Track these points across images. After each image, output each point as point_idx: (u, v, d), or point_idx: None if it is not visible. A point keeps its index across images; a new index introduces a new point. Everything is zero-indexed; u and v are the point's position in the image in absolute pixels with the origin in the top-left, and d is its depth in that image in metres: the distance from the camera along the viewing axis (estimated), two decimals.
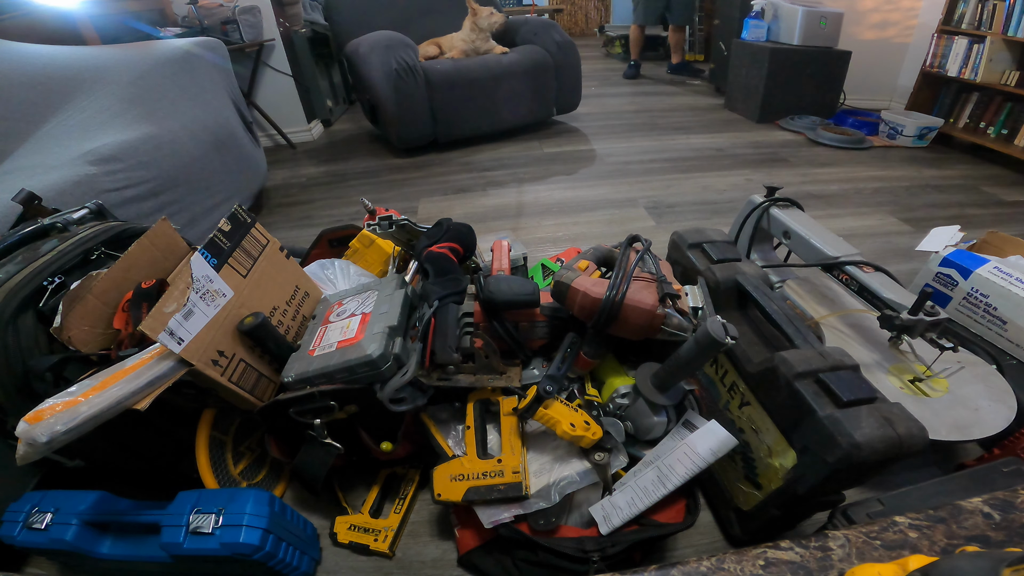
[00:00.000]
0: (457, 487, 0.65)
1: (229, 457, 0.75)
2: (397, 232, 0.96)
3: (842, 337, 0.85)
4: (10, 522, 0.61)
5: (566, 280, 0.68)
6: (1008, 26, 1.98)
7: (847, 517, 0.57)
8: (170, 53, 1.43)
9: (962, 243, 1.06)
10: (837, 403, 0.54)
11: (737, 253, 0.83)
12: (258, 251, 0.78)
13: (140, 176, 1.12)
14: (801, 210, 1.01)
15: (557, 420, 0.65)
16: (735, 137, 2.39)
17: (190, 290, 0.64)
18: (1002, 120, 2.12)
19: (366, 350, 0.66)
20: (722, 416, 0.70)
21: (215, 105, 1.54)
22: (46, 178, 0.94)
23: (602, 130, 2.53)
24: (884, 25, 2.66)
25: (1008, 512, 0.41)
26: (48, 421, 0.51)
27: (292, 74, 2.42)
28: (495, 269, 0.92)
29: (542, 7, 5.39)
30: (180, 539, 0.57)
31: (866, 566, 0.35)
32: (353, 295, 0.83)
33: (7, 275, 0.65)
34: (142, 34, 1.96)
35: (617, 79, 3.69)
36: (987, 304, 0.87)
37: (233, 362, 0.68)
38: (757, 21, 2.55)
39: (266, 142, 2.47)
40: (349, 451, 0.71)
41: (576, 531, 0.64)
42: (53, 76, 1.20)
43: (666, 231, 1.02)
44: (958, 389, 0.74)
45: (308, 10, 2.75)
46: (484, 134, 2.36)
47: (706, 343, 0.58)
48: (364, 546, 0.71)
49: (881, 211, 1.66)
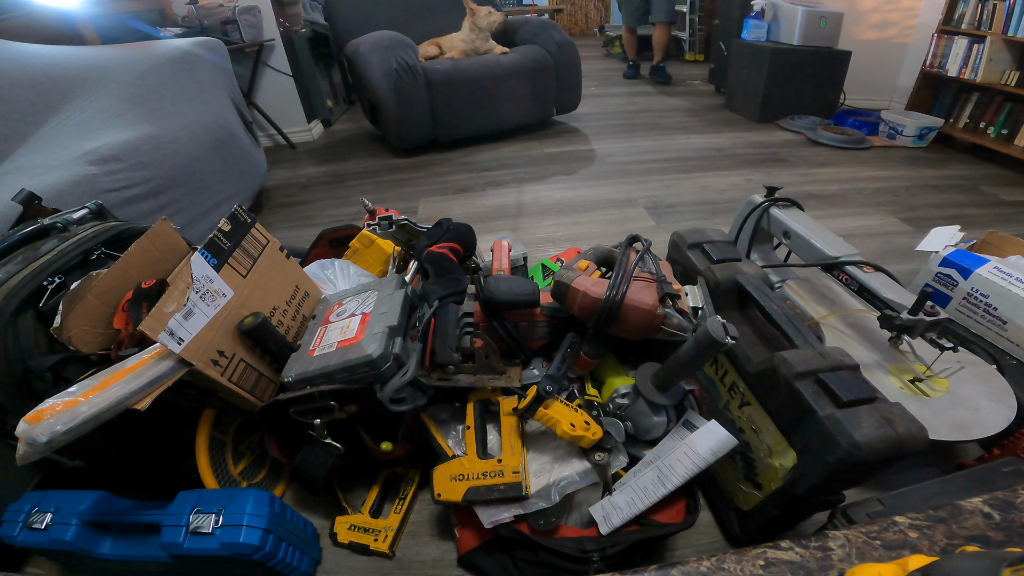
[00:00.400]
0: (457, 487, 0.65)
1: (229, 457, 0.75)
2: (397, 232, 0.96)
3: (842, 337, 0.85)
4: (10, 522, 0.61)
5: (566, 280, 0.68)
6: (1008, 26, 1.98)
7: (847, 517, 0.57)
8: (170, 53, 1.43)
9: (962, 243, 1.06)
10: (837, 403, 0.54)
11: (737, 253, 0.83)
12: (258, 251, 0.78)
13: (140, 176, 1.11)
14: (801, 210, 1.01)
15: (557, 420, 0.65)
16: (735, 137, 2.39)
17: (190, 290, 0.64)
18: (1002, 120, 2.12)
19: (366, 350, 0.66)
20: (722, 416, 0.70)
21: (215, 105, 1.54)
22: (46, 178, 0.94)
23: (602, 130, 2.53)
24: (884, 25, 2.66)
25: (1008, 512, 0.41)
26: (48, 421, 0.51)
27: (292, 74, 2.42)
28: (495, 269, 0.92)
29: (542, 7, 5.39)
30: (180, 539, 0.57)
31: (866, 566, 0.35)
32: (353, 295, 0.83)
33: (7, 275, 0.65)
34: (142, 34, 1.96)
35: (617, 79, 3.69)
36: (987, 304, 0.87)
37: (233, 362, 0.68)
38: (757, 21, 2.55)
39: (266, 142, 2.47)
40: (349, 451, 0.71)
41: (576, 531, 0.64)
42: (53, 76, 1.20)
43: (666, 231, 1.02)
44: (958, 389, 0.74)
45: (308, 10, 2.75)
46: (484, 134, 2.36)
47: (706, 343, 0.58)
48: (364, 546, 0.71)
49: (881, 211, 1.66)
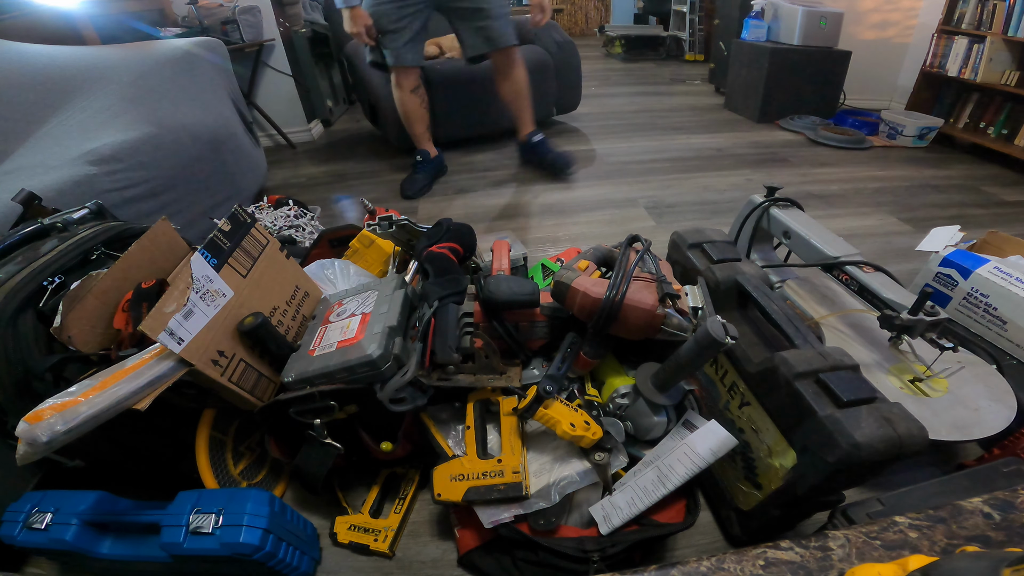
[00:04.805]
0: (457, 487, 0.65)
1: (229, 457, 0.75)
2: (397, 232, 0.96)
3: (842, 337, 0.85)
4: (10, 522, 0.61)
5: (566, 280, 0.68)
6: (1008, 26, 1.98)
7: (847, 517, 0.57)
8: (170, 53, 1.43)
9: (962, 243, 1.06)
10: (837, 403, 0.54)
11: (737, 253, 0.83)
12: (258, 251, 0.78)
13: (140, 176, 1.11)
14: (801, 210, 1.01)
15: (557, 420, 0.65)
16: (735, 137, 2.39)
17: (190, 290, 0.64)
18: (1002, 120, 2.12)
19: (366, 350, 0.66)
20: (722, 416, 0.70)
21: (215, 105, 1.54)
22: (46, 178, 0.94)
23: (602, 130, 2.53)
24: (884, 25, 2.66)
25: (1008, 512, 0.41)
26: (48, 421, 0.51)
27: (292, 74, 2.42)
28: (495, 269, 0.92)
29: None
30: (180, 539, 0.57)
31: (866, 566, 0.35)
32: (353, 295, 0.83)
33: (7, 275, 0.65)
34: (142, 34, 1.96)
35: (617, 79, 3.70)
36: (987, 304, 0.87)
37: (233, 362, 0.68)
38: (757, 21, 2.55)
39: (266, 142, 2.46)
40: (349, 451, 0.71)
41: (576, 531, 0.64)
42: (53, 76, 1.20)
43: (666, 231, 1.01)
44: (958, 389, 0.74)
45: (308, 10, 2.75)
46: (484, 134, 2.36)
47: (706, 343, 0.58)
48: (364, 546, 0.71)
49: (881, 211, 1.66)
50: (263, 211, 1.45)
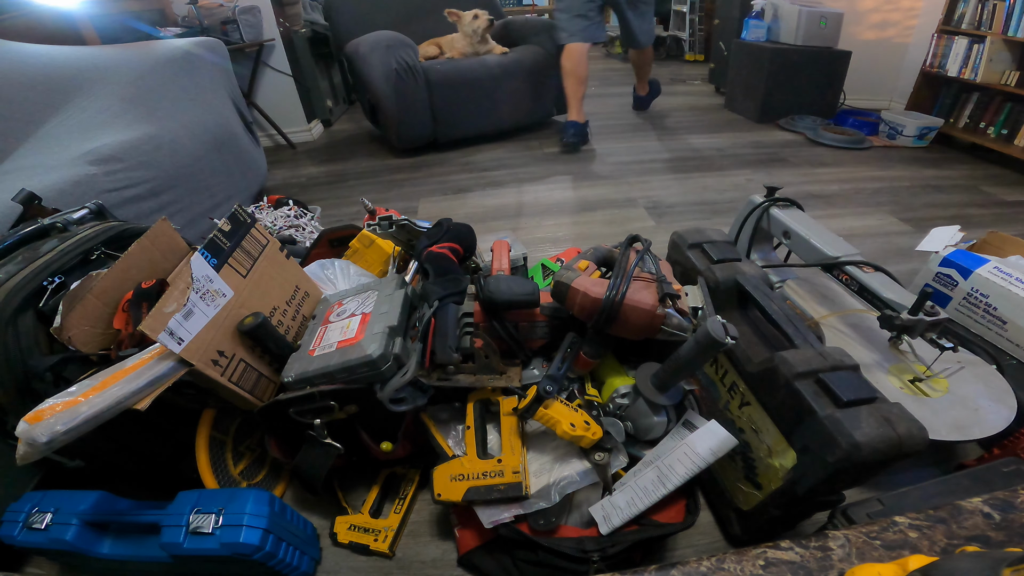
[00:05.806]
0: (457, 487, 0.65)
1: (229, 457, 0.75)
2: (397, 232, 0.96)
3: (842, 337, 0.85)
4: (10, 522, 0.61)
5: (566, 280, 0.68)
6: (1008, 26, 1.98)
7: (847, 517, 0.57)
8: (170, 53, 1.43)
9: (962, 243, 1.06)
10: (837, 403, 0.54)
11: (737, 253, 0.83)
12: (258, 251, 0.78)
13: (140, 176, 1.11)
14: (801, 210, 1.01)
15: (557, 420, 0.65)
16: (735, 137, 2.39)
17: (190, 290, 0.64)
18: (1002, 120, 2.12)
19: (366, 350, 0.66)
20: (722, 416, 0.70)
21: (215, 105, 1.54)
22: (46, 178, 0.94)
23: (602, 130, 2.53)
24: (884, 25, 2.66)
25: (1008, 512, 0.41)
26: (48, 421, 0.51)
27: (292, 74, 2.42)
28: (495, 269, 0.92)
29: (542, 7, 5.39)
30: (180, 539, 0.57)
31: (866, 566, 0.35)
32: (353, 295, 0.83)
33: (7, 275, 0.65)
34: (142, 34, 1.96)
35: (617, 79, 3.70)
36: (987, 304, 0.87)
37: (233, 362, 0.68)
38: (757, 21, 2.55)
39: (266, 142, 2.46)
40: (349, 451, 0.71)
41: (576, 531, 0.64)
42: (53, 76, 1.20)
43: (666, 231, 1.01)
44: (958, 389, 0.74)
45: (308, 10, 2.75)
46: (484, 134, 2.36)
47: (706, 343, 0.58)
48: (364, 546, 0.71)
49: (881, 211, 1.66)
50: (263, 211, 1.45)
